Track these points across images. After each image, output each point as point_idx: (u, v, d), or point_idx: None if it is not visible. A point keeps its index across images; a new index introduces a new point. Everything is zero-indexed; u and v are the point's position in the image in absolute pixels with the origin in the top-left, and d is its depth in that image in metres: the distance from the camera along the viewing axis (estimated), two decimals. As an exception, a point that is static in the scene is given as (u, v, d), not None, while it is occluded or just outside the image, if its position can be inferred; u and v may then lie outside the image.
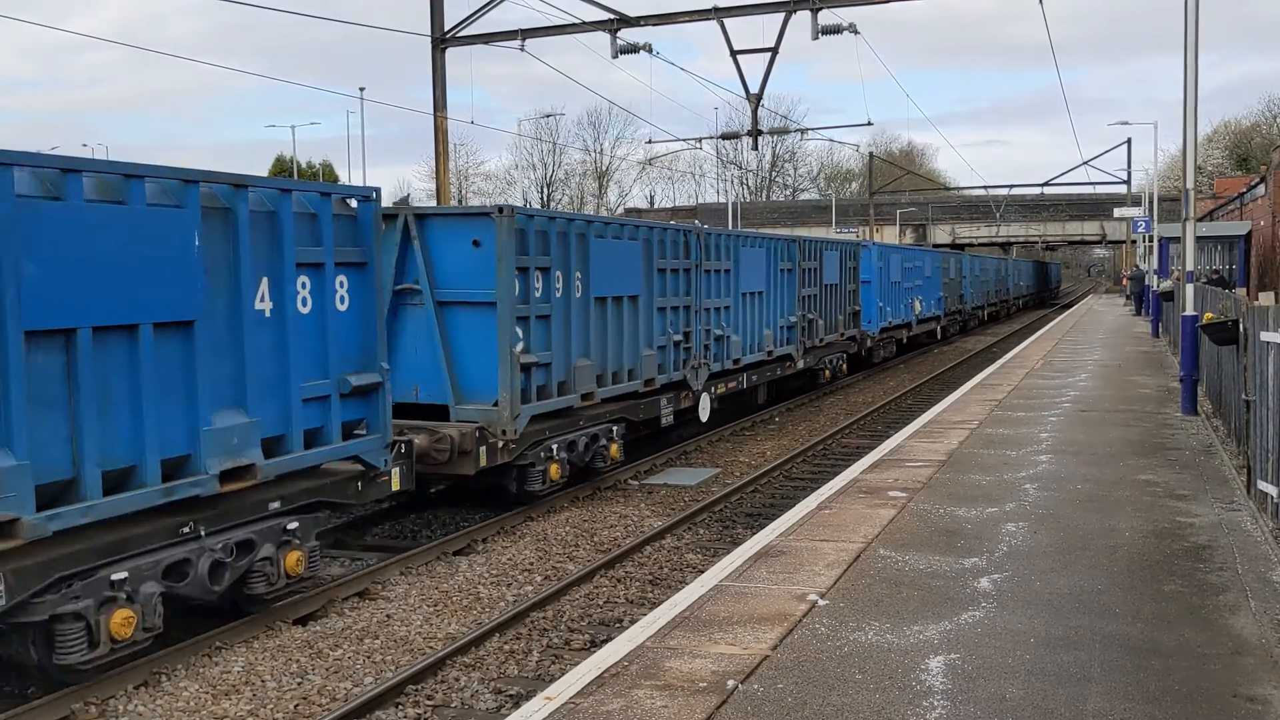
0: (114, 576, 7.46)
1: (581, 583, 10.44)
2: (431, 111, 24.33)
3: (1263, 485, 9.65)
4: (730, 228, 41.53)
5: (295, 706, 7.62)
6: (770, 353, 20.41)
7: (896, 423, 19.69)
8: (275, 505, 8.88)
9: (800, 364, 22.37)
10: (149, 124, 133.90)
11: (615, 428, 14.53)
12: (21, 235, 6.82)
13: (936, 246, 66.30)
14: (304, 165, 70.97)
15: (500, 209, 12.23)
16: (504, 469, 12.43)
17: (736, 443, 18.55)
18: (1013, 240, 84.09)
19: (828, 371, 24.86)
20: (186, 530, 8.06)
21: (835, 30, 22.33)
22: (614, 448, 14.46)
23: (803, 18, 22.38)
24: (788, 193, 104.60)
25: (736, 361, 18.62)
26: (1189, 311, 16.39)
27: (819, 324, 23.43)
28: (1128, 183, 54.95)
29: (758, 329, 19.86)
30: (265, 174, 68.23)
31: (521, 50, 23.96)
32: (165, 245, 7.72)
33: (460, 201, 69.80)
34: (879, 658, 6.41)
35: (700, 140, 39.71)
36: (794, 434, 19.55)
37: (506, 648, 8.72)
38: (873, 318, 28.67)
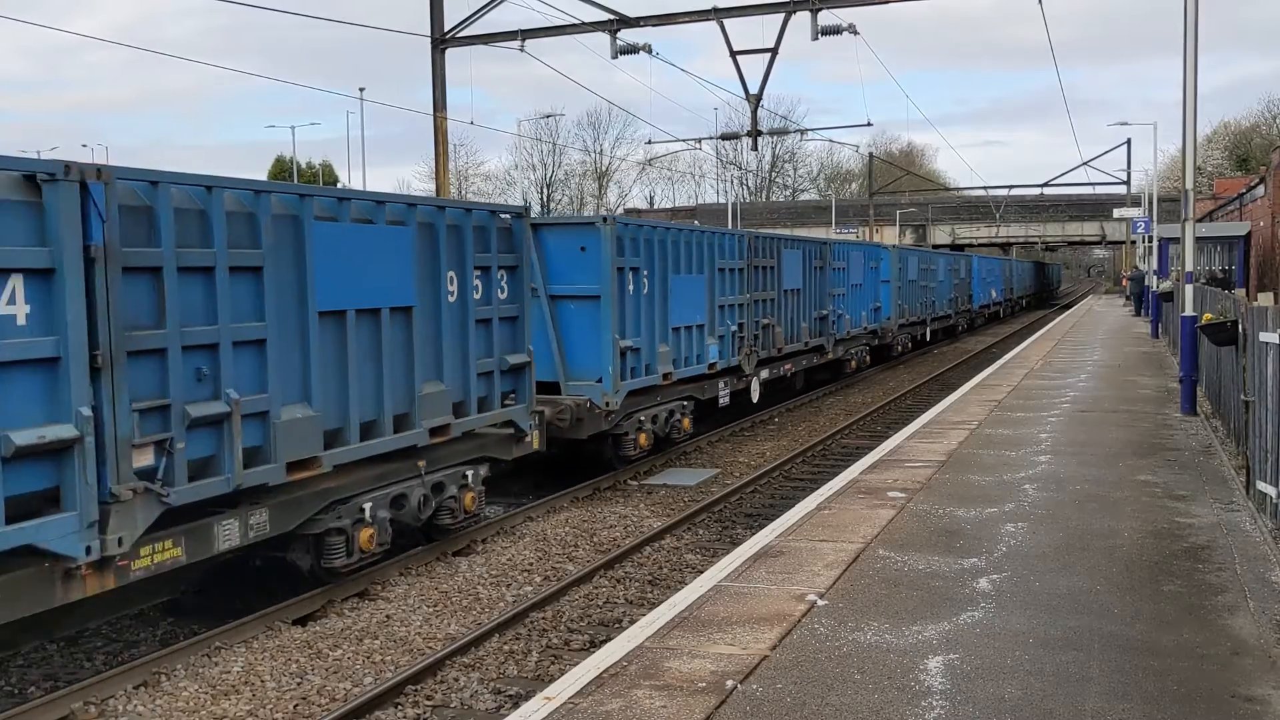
0: (363, 504, 9.82)
1: (581, 583, 10.45)
2: (431, 112, 24.33)
3: (1262, 486, 9.65)
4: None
5: (295, 707, 7.63)
6: (807, 343, 22.69)
7: (896, 423, 19.70)
8: (457, 457, 11.34)
9: (831, 354, 24.64)
10: (148, 124, 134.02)
11: (686, 404, 16.90)
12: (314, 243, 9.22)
13: (936, 247, 66.40)
14: (304, 166, 70.95)
15: (604, 219, 14.67)
16: (602, 437, 14.72)
17: (736, 443, 18.56)
18: (1012, 241, 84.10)
19: (854, 362, 27.14)
20: (411, 472, 10.51)
21: (835, 31, 22.35)
22: (686, 421, 16.87)
23: (802, 18, 22.40)
24: (787, 193, 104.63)
25: (779, 350, 20.79)
26: (1188, 312, 16.39)
27: (846, 319, 25.65)
28: (1127, 183, 55.00)
29: (796, 322, 22.11)
30: (265, 175, 68.27)
31: (521, 51, 23.98)
32: (395, 251, 10.18)
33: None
34: (878, 658, 6.42)
35: (700, 141, 39.71)
36: (793, 434, 19.55)
37: (506, 648, 8.73)
38: (891, 314, 30.73)
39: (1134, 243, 55.83)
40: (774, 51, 23.29)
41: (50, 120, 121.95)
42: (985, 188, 71.69)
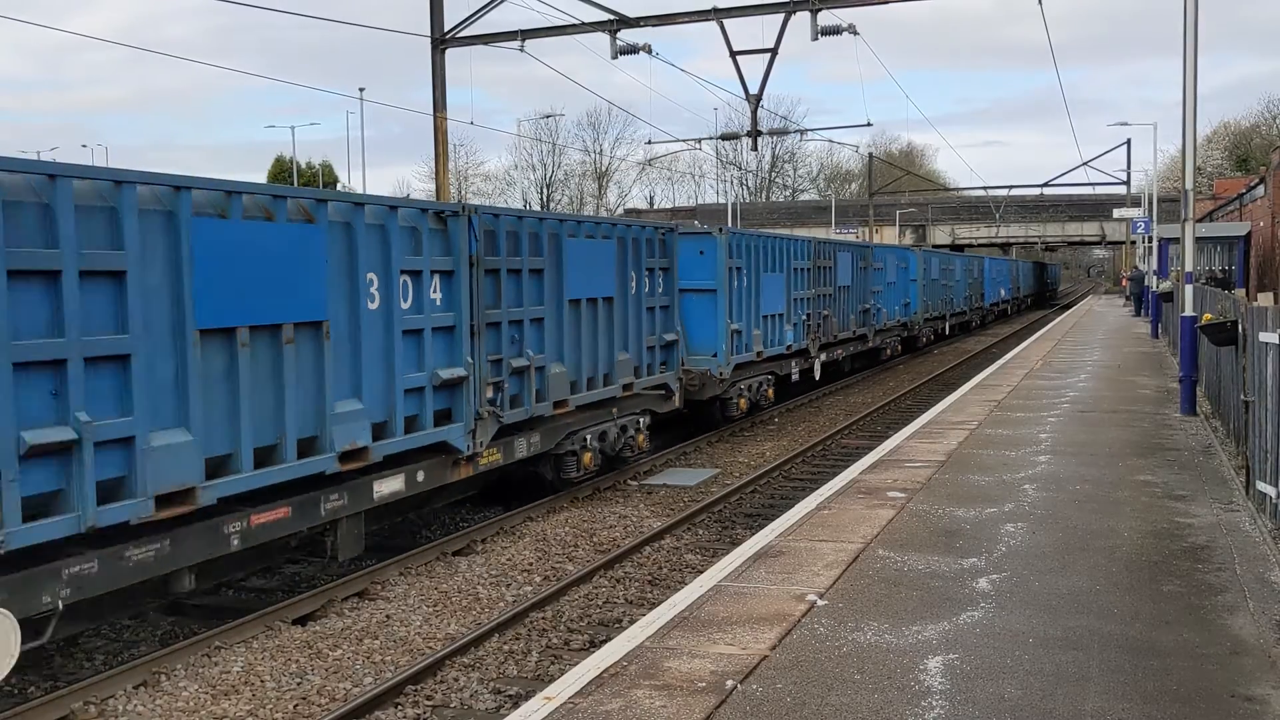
0: (586, 435, 13.80)
1: (581, 583, 10.45)
2: (431, 112, 24.32)
3: (1261, 486, 9.65)
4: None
5: (295, 707, 7.63)
6: (855, 332, 27.03)
7: (896, 423, 19.70)
8: (632, 408, 15.24)
9: (871, 343, 28.88)
10: (148, 124, 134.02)
11: (769, 378, 21.11)
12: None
13: (936, 247, 66.35)
14: (304, 166, 70.90)
15: (720, 229, 18.96)
16: (710, 402, 18.72)
17: (736, 443, 18.56)
18: (1012, 241, 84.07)
19: (888, 350, 31.69)
20: (607, 417, 14.46)
21: (834, 31, 22.32)
22: (770, 392, 21.11)
23: (802, 18, 22.37)
24: (787, 193, 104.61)
25: (835, 337, 25.17)
26: (1188, 312, 16.40)
27: (884, 312, 30.23)
28: (1127, 184, 54.96)
29: (847, 314, 26.39)
30: (264, 176, 68.27)
31: (521, 51, 23.96)
32: (608, 260, 14.33)
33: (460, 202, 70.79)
34: (878, 658, 6.42)
35: (700, 141, 39.60)
36: (793, 434, 19.56)
37: (506, 648, 8.73)
38: (918, 309, 35.06)
39: (1134, 243, 55.84)
40: (774, 52, 23.27)
41: (50, 120, 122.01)
42: (985, 188, 71.49)
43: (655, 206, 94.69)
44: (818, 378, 24.22)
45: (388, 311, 10.20)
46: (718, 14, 23.05)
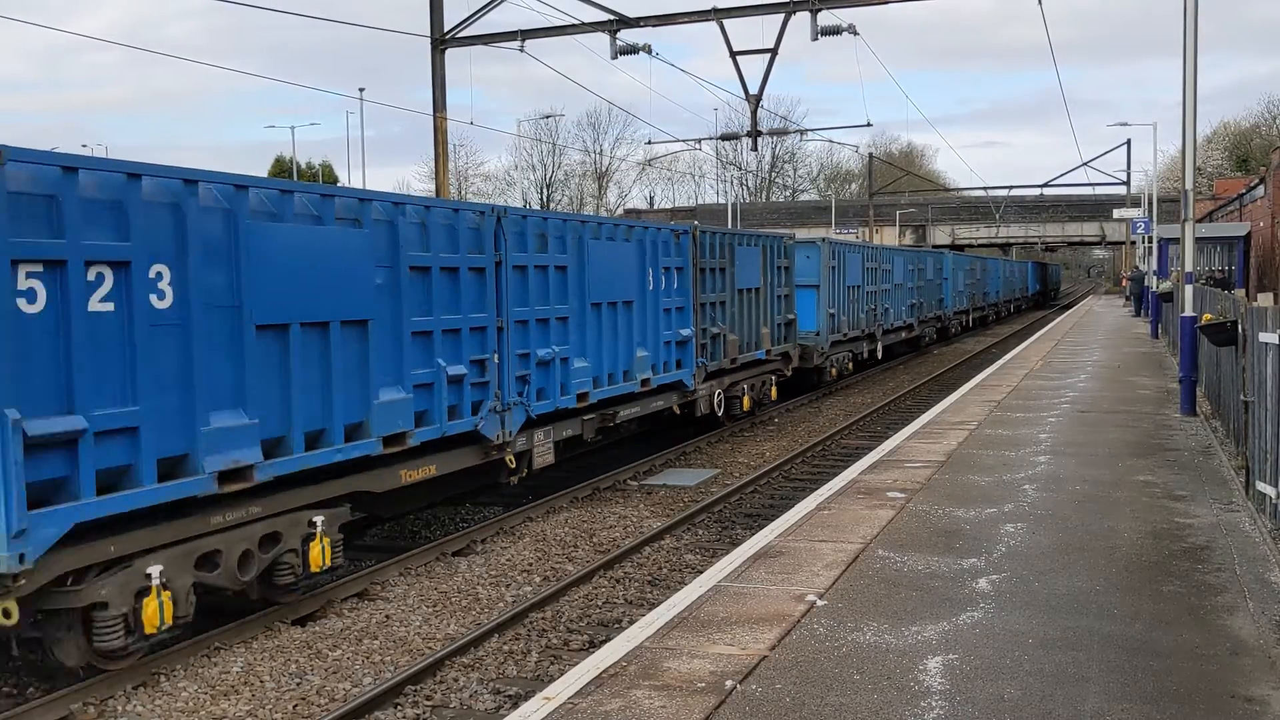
0: (744, 385, 19.34)
1: (580, 583, 10.44)
2: (431, 112, 24.32)
3: (1261, 486, 9.65)
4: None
5: (294, 707, 7.63)
6: (905, 323, 33.70)
7: (896, 424, 19.70)
8: (765, 370, 20.85)
9: (916, 331, 35.55)
10: (148, 125, 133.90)
11: (850, 354, 27.26)
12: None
13: (936, 248, 66.34)
14: (304, 166, 70.89)
15: (824, 240, 25.31)
16: (811, 371, 24.30)
17: (735, 443, 18.56)
18: (1012, 241, 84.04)
19: (926, 338, 38.11)
20: (754, 376, 19.95)
21: (834, 31, 22.32)
22: (850, 365, 27.32)
23: (802, 19, 22.37)
24: (787, 194, 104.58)
25: (891, 325, 31.59)
26: (1188, 312, 16.39)
27: (924, 305, 36.77)
28: (1127, 184, 54.98)
29: (899, 307, 32.89)
30: (265, 175, 68.19)
31: (521, 51, 23.95)
32: (754, 263, 20.06)
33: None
34: (877, 658, 6.42)
35: (700, 141, 39.60)
36: (793, 435, 19.56)
37: (505, 648, 8.73)
38: (949, 305, 41.90)
39: (1134, 243, 55.82)
40: (773, 52, 23.27)
41: (50, 120, 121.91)
42: (985, 188, 71.53)
43: (655, 207, 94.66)
44: (880, 356, 30.39)
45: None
46: (718, 14, 23.05)
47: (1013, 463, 12.46)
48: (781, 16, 22.60)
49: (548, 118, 78.10)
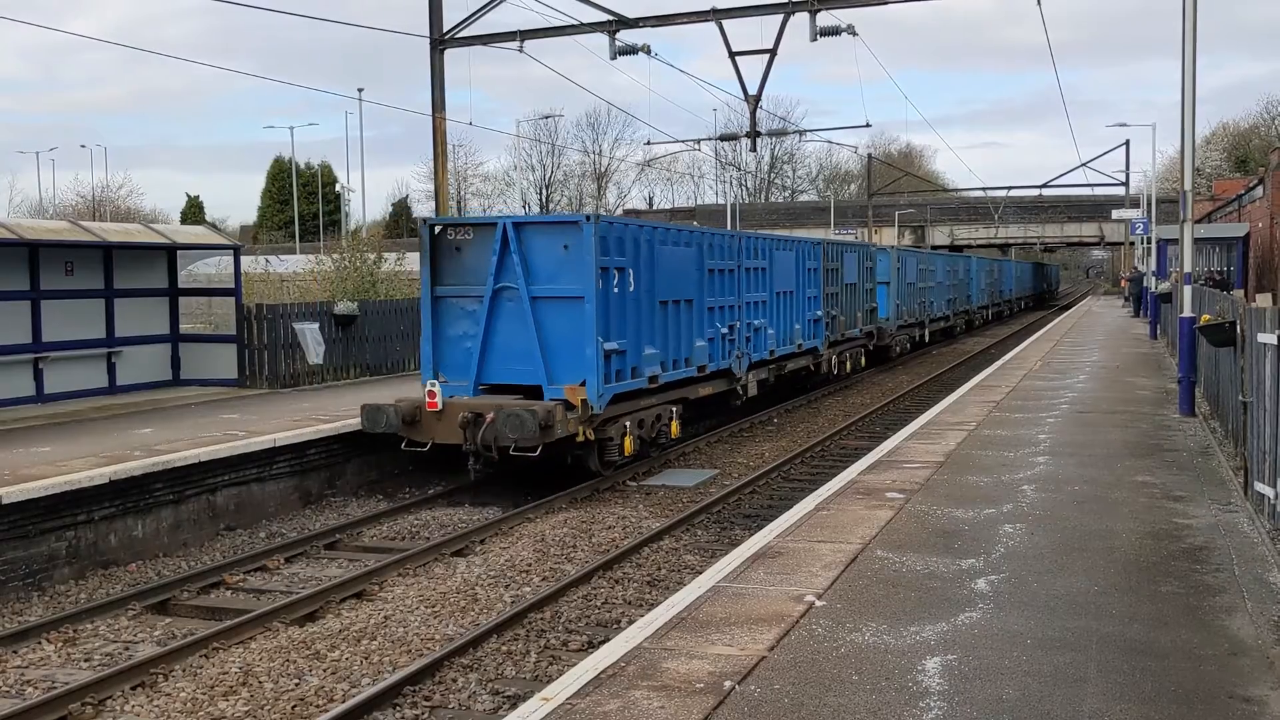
0: (848, 353, 26.80)
1: (579, 584, 10.44)
2: (430, 113, 24.31)
3: (1260, 487, 9.65)
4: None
5: (293, 707, 7.63)
6: (943, 314, 40.65)
7: (895, 424, 19.69)
8: (856, 343, 27.68)
9: (951, 321, 42.12)
10: (146, 125, 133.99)
11: (910, 337, 33.80)
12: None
13: (935, 248, 66.46)
14: (303, 166, 70.90)
15: (890, 248, 31.90)
16: (885, 347, 30.66)
17: (735, 444, 18.57)
18: (1011, 241, 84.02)
19: (958, 328, 44.88)
20: (856, 344, 27.68)
21: (834, 32, 22.31)
22: (908, 345, 33.42)
23: (801, 19, 22.34)
24: (786, 194, 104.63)
25: (931, 317, 37.68)
26: (1187, 313, 16.39)
27: (957, 300, 43.75)
28: (1126, 184, 55.02)
29: (939, 301, 39.71)
30: (263, 176, 68.16)
31: (520, 52, 23.93)
32: (854, 266, 27.23)
33: (458, 202, 71.47)
34: (876, 659, 6.42)
35: (699, 142, 39.63)
36: (792, 435, 19.56)
37: (504, 649, 8.73)
38: (975, 300, 49.09)
39: (1132, 244, 55.86)
40: (773, 52, 23.25)
41: (49, 120, 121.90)
42: (984, 189, 71.26)
43: (654, 207, 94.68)
44: (927, 341, 37.49)
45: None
46: (717, 14, 23.03)
47: (1012, 463, 12.46)
48: (781, 17, 22.58)
49: (547, 118, 78.19)
